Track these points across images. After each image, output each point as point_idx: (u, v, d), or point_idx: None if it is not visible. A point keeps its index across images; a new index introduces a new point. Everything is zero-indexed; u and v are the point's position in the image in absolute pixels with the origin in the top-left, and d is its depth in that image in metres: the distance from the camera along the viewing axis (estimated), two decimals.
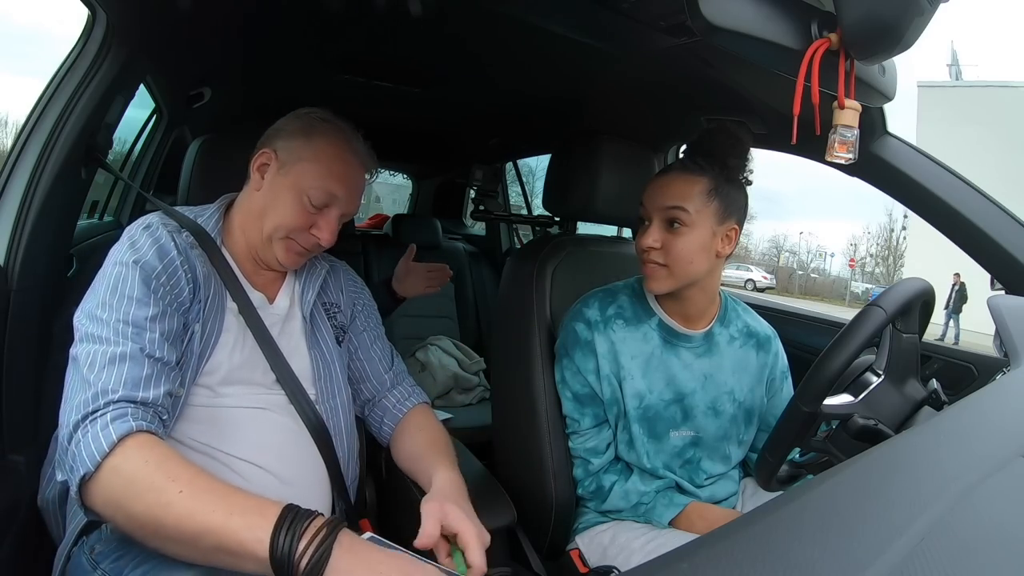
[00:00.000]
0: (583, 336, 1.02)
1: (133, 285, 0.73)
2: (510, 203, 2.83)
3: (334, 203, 0.85)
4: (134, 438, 0.63)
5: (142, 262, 0.75)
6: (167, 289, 0.75)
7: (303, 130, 0.85)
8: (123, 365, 0.68)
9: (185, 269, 0.78)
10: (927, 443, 0.58)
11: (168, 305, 0.75)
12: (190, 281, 0.78)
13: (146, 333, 0.71)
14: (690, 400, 1.02)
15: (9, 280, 0.88)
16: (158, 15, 1.01)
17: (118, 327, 0.70)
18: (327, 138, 0.85)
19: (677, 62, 0.95)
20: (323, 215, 0.85)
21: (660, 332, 1.03)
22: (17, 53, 36.25)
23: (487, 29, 1.05)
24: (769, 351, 1.09)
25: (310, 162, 0.84)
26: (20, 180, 0.93)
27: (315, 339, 0.91)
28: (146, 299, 0.73)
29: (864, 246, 30.84)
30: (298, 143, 0.85)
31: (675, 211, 0.94)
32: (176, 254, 0.78)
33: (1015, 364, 0.80)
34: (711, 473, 1.05)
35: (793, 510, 0.42)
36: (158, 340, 0.72)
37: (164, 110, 1.69)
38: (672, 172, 0.97)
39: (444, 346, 2.31)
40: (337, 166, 0.84)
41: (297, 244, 0.86)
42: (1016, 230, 1.02)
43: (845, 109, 0.77)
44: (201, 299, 0.79)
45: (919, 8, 0.69)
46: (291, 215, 0.84)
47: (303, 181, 0.84)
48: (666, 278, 0.96)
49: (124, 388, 0.67)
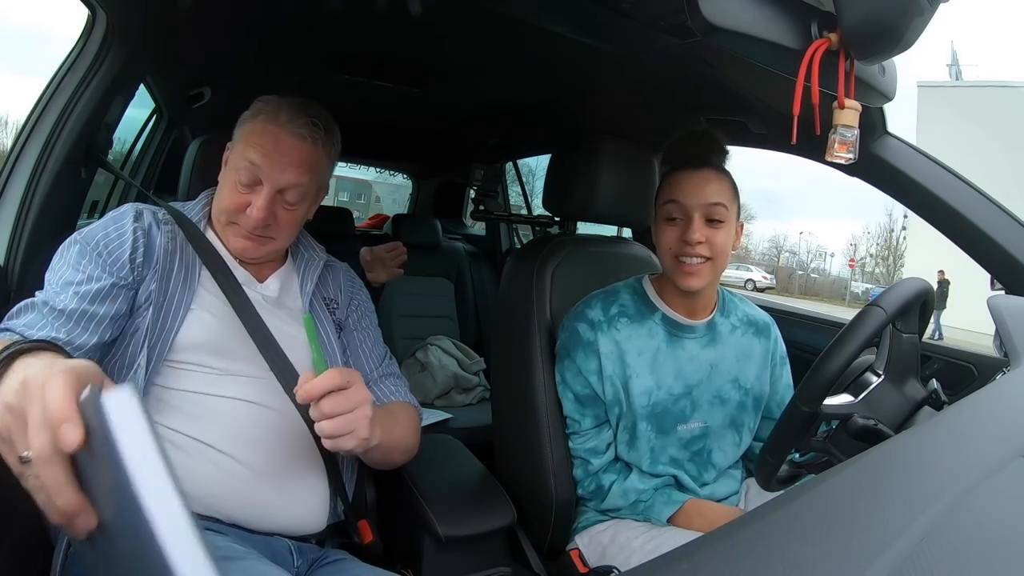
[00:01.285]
0: (585, 336, 1.02)
1: (71, 253, 0.80)
2: (510, 203, 2.83)
3: (260, 175, 0.84)
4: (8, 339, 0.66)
5: (85, 233, 0.81)
6: (99, 253, 0.80)
7: (242, 120, 0.88)
8: (29, 312, 0.75)
9: (136, 238, 0.82)
10: (927, 443, 0.58)
11: (99, 268, 0.79)
12: (139, 246, 0.81)
13: (67, 289, 0.76)
14: (697, 391, 1.04)
15: (9, 280, 0.88)
16: (158, 15, 1.01)
17: (47, 288, 0.78)
18: (254, 119, 0.86)
19: (677, 62, 0.95)
20: (255, 192, 0.84)
21: (664, 326, 1.04)
22: (17, 53, 36.24)
23: (487, 29, 1.05)
24: (769, 337, 1.11)
25: (238, 144, 0.86)
26: (20, 180, 0.93)
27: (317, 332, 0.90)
28: (76, 265, 0.79)
29: (864, 246, 30.85)
30: (236, 132, 0.87)
31: (718, 207, 0.97)
32: (132, 227, 0.82)
33: (1015, 364, 0.80)
34: (720, 466, 1.06)
35: (793, 510, 0.42)
36: (71, 296, 0.76)
37: (164, 110, 1.70)
38: (705, 170, 0.99)
39: (444, 346, 2.31)
40: (256, 138, 0.84)
41: (240, 228, 0.86)
42: (1016, 230, 1.02)
43: (845, 109, 0.77)
44: (157, 269, 0.81)
45: (919, 8, 0.69)
46: (227, 196, 0.86)
47: (234, 161, 0.86)
48: (708, 272, 0.98)
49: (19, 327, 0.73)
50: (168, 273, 0.82)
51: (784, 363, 1.13)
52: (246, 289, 0.86)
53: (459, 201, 3.19)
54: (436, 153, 2.59)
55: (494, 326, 1.25)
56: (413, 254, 2.56)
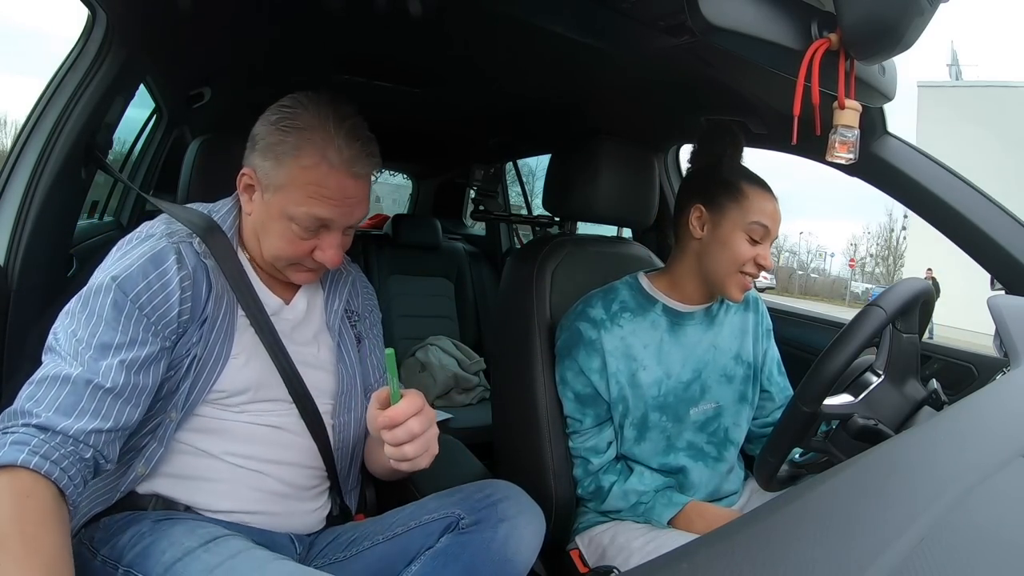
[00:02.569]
0: (587, 335, 1.02)
1: (103, 305, 0.68)
2: (510, 203, 2.83)
3: (331, 225, 0.77)
4: (12, 473, 0.56)
5: (120, 279, 0.69)
6: (145, 312, 0.69)
7: (273, 148, 0.74)
8: (61, 388, 0.63)
9: (184, 287, 0.72)
10: (927, 443, 0.58)
11: (144, 331, 0.69)
12: (186, 301, 0.72)
13: (101, 362, 0.65)
14: (706, 373, 1.06)
15: (9, 280, 0.88)
16: (158, 15, 1.01)
17: (76, 347, 0.66)
18: (299, 157, 0.73)
19: (677, 62, 0.95)
20: (322, 237, 0.78)
21: (666, 316, 1.06)
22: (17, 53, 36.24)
23: (487, 29, 1.05)
24: (758, 311, 1.15)
25: (289, 188, 0.74)
26: (20, 180, 0.93)
27: (341, 353, 0.88)
28: (113, 323, 0.67)
29: (864, 246, 30.90)
30: (270, 166, 0.75)
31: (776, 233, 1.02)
32: (179, 277, 0.72)
33: (1015, 364, 0.80)
34: (738, 441, 1.09)
35: (793, 510, 0.42)
36: (115, 368, 0.66)
37: (164, 110, 1.69)
38: (775, 197, 1.02)
39: (444, 346, 2.31)
40: (318, 190, 0.74)
41: (303, 267, 0.81)
42: (1016, 230, 1.02)
43: (845, 109, 0.77)
44: (207, 319, 0.74)
45: (919, 8, 0.69)
46: (285, 246, 0.77)
47: (287, 209, 0.75)
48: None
49: (48, 411, 0.61)
50: (212, 323, 0.75)
51: (769, 336, 1.16)
52: (274, 319, 0.81)
53: (459, 201, 3.19)
54: (436, 153, 2.59)
55: (494, 326, 1.25)
56: (413, 254, 2.58)
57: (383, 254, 2.51)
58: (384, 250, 2.52)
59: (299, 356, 0.82)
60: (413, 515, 0.81)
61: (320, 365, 0.86)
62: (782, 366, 1.16)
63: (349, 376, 0.89)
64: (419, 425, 0.67)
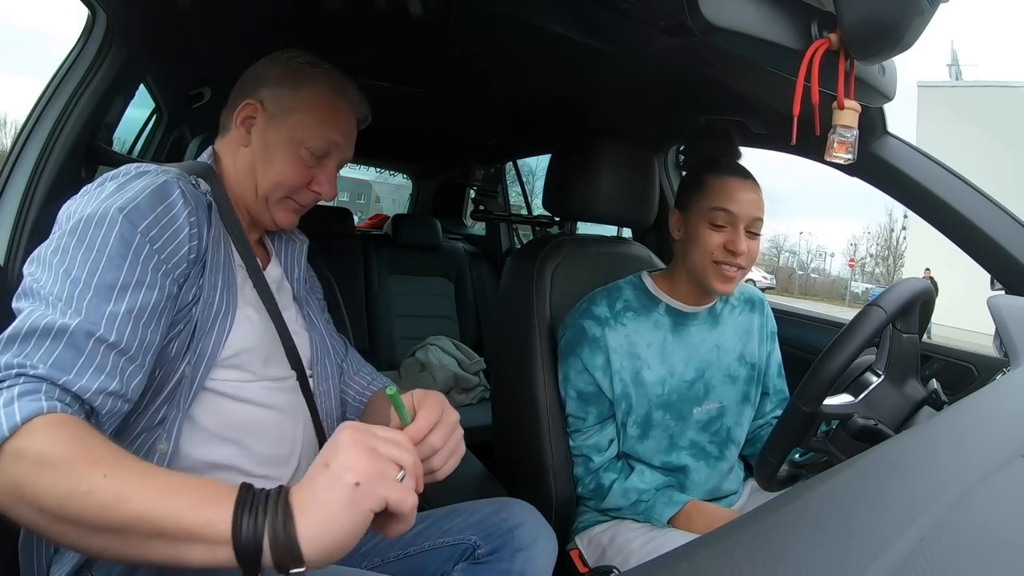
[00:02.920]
0: (592, 333, 1.02)
1: (107, 238, 0.58)
2: (510, 203, 2.83)
3: (333, 151, 0.79)
4: (43, 419, 0.49)
5: (127, 209, 0.59)
6: (155, 248, 0.61)
7: (290, 78, 0.77)
8: (56, 343, 0.53)
9: (191, 223, 0.64)
10: (927, 443, 0.58)
11: (153, 271, 0.60)
12: (194, 238, 0.65)
13: (105, 306, 0.56)
14: (709, 373, 1.06)
15: (9, 280, 0.88)
16: (158, 15, 1.01)
17: (71, 289, 0.55)
18: (318, 85, 0.78)
19: (677, 62, 0.95)
20: (321, 167, 0.79)
21: (669, 316, 1.06)
22: (16, 53, 36.26)
23: (487, 29, 1.05)
24: (763, 312, 1.15)
25: (304, 112, 0.76)
26: (20, 180, 0.93)
27: (311, 319, 0.86)
28: (119, 260, 0.58)
29: (864, 246, 30.89)
30: (287, 92, 0.77)
31: (758, 222, 1.00)
32: (182, 205, 0.64)
33: (1015, 364, 0.80)
34: (739, 441, 1.10)
35: (793, 510, 0.42)
36: (120, 318, 0.56)
37: (164, 110, 1.69)
38: (750, 181, 1.01)
39: (444, 346, 2.31)
40: (332, 114, 0.78)
41: (295, 202, 0.79)
42: (1016, 230, 1.02)
43: (845, 110, 0.77)
44: (209, 265, 0.68)
45: (919, 8, 0.69)
46: (290, 172, 0.77)
47: (299, 132, 0.76)
48: (739, 279, 1.02)
49: (48, 368, 0.52)
50: (215, 268, 0.69)
51: (773, 339, 1.16)
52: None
53: (459, 201, 3.19)
54: (436, 153, 2.59)
55: (494, 326, 1.25)
56: (413, 254, 2.58)
57: (383, 254, 2.51)
58: (384, 250, 2.52)
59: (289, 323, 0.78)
60: (426, 534, 0.79)
61: (296, 331, 0.81)
62: (782, 369, 1.17)
63: (322, 342, 0.86)
64: (439, 438, 0.61)
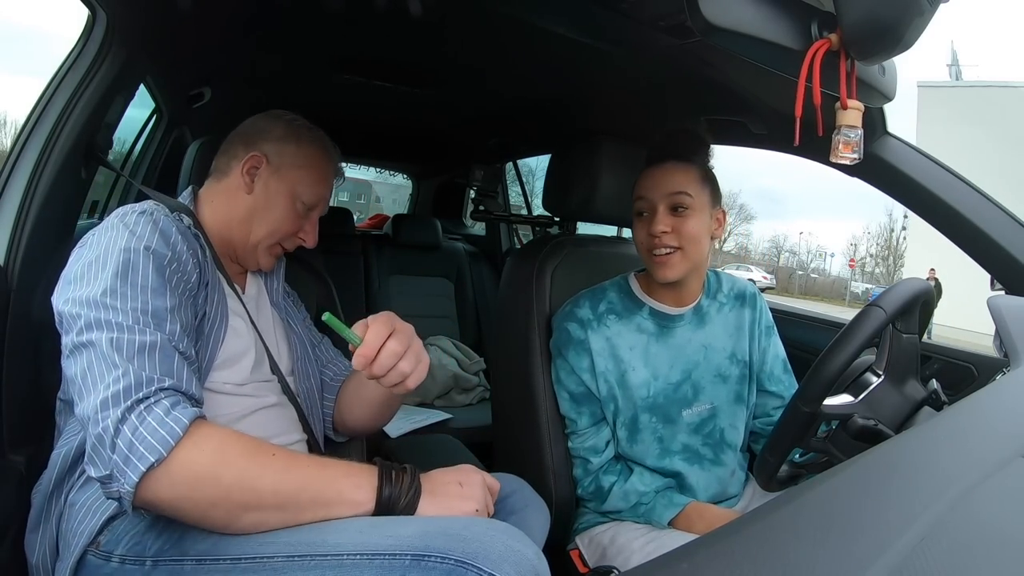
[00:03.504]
0: (576, 335, 1.02)
1: (147, 274, 0.67)
2: (510, 203, 2.83)
3: (320, 205, 0.90)
4: (204, 423, 0.61)
5: (152, 248, 0.69)
6: (180, 277, 0.71)
7: (292, 136, 0.87)
8: (154, 355, 0.62)
9: (191, 253, 0.75)
10: (927, 443, 0.58)
11: (181, 295, 0.71)
12: (196, 266, 0.75)
13: (167, 324, 0.65)
14: (697, 374, 1.05)
15: (9, 280, 0.88)
16: (158, 15, 1.01)
17: (137, 315, 0.63)
18: (314, 146, 0.88)
19: (677, 62, 0.95)
20: (309, 219, 0.90)
21: (653, 319, 1.05)
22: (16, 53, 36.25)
23: (487, 29, 1.05)
24: (756, 307, 1.12)
25: (305, 169, 0.87)
26: (20, 180, 0.93)
27: (289, 324, 0.95)
28: (162, 289, 0.67)
29: (864, 246, 30.93)
30: (290, 149, 0.86)
31: (680, 196, 0.98)
32: (180, 239, 0.74)
33: (1015, 364, 0.80)
34: (734, 444, 1.07)
35: (793, 510, 0.42)
36: (179, 333, 0.66)
37: (164, 110, 1.69)
38: (667, 162, 1.00)
39: (444, 346, 2.31)
40: (325, 173, 0.89)
41: (281, 248, 0.89)
42: (1016, 230, 1.02)
43: (848, 110, 0.77)
44: (206, 284, 0.77)
45: (919, 8, 0.69)
46: (286, 220, 0.86)
47: (298, 187, 0.86)
48: (680, 262, 0.99)
49: (170, 378, 0.62)
50: (212, 287, 0.78)
51: (771, 332, 1.13)
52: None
53: (459, 201, 3.19)
54: (436, 153, 2.59)
55: (494, 326, 1.25)
56: (413, 254, 2.58)
57: (383, 254, 2.51)
58: (384, 250, 2.52)
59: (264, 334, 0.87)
60: None
61: (277, 340, 0.91)
62: (788, 364, 1.14)
63: (300, 344, 0.95)
64: (399, 344, 0.68)
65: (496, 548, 0.55)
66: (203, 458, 0.59)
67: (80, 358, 0.62)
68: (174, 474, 0.58)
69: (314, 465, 0.64)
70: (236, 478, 0.59)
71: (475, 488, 0.68)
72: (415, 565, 0.55)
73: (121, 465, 0.57)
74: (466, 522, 0.60)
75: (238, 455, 0.60)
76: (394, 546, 0.56)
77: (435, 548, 0.55)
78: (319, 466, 0.64)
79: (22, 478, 0.86)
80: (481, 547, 0.55)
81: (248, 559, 0.60)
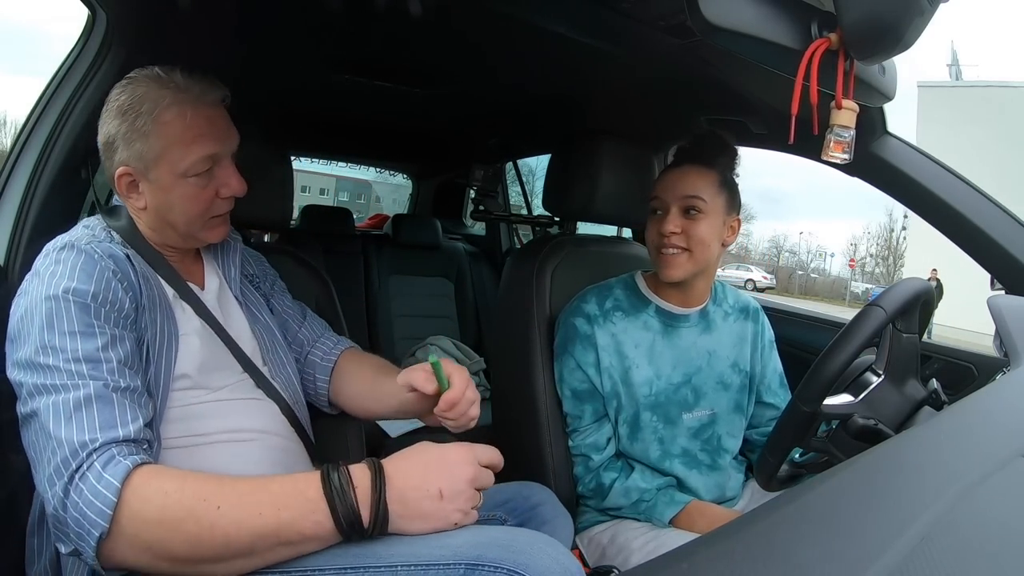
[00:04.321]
0: (582, 330, 1.03)
1: (71, 318, 0.65)
2: (510, 203, 2.83)
3: (219, 157, 0.79)
4: (137, 474, 0.59)
5: (71, 289, 0.67)
6: (108, 310, 0.68)
7: (135, 130, 0.75)
8: (91, 408, 0.62)
9: (119, 278, 0.71)
10: (927, 443, 0.58)
11: (115, 327, 0.68)
12: (128, 290, 0.71)
13: (102, 365, 0.65)
14: (698, 379, 1.05)
15: (9, 280, 0.88)
16: (158, 15, 1.01)
17: (70, 368, 0.63)
18: (158, 119, 0.74)
19: (677, 62, 0.95)
20: (217, 175, 0.79)
21: (659, 318, 1.06)
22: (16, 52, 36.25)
23: (487, 29, 1.05)
24: (758, 321, 1.14)
25: (167, 151, 0.75)
26: (20, 180, 0.93)
27: (252, 314, 0.90)
28: (90, 330, 0.66)
29: (864, 246, 30.91)
30: (140, 146, 0.75)
31: (693, 199, 0.99)
32: (105, 263, 0.70)
33: (1015, 364, 0.80)
34: (731, 451, 1.08)
35: (793, 510, 0.42)
36: (117, 369, 0.65)
37: None
38: (686, 165, 1.01)
39: (444, 346, 2.31)
40: (187, 131, 0.75)
41: (217, 218, 0.81)
42: (1016, 230, 1.02)
43: (842, 109, 0.77)
44: (145, 304, 0.73)
45: (919, 8, 0.69)
46: (193, 204, 0.78)
47: (176, 168, 0.75)
48: (685, 263, 1.00)
49: (101, 432, 0.61)
50: (152, 306, 0.74)
51: (772, 348, 1.15)
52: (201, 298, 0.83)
53: (459, 201, 3.19)
54: (436, 153, 2.59)
55: (494, 326, 1.25)
56: (413, 254, 2.58)
57: (383, 254, 2.51)
58: (384, 250, 2.52)
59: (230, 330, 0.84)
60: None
61: (243, 333, 0.87)
62: (784, 379, 1.15)
63: (270, 334, 0.90)
64: (475, 393, 0.78)
65: (543, 560, 0.57)
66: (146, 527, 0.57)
67: (28, 431, 0.64)
68: (127, 539, 0.57)
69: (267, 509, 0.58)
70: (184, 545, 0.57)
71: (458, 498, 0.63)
72: (469, 573, 0.56)
73: (78, 541, 0.57)
74: (514, 532, 0.62)
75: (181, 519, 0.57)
76: (447, 556, 0.58)
77: (488, 558, 0.56)
78: (273, 509, 0.58)
79: (22, 477, 0.85)
80: (530, 559, 0.56)
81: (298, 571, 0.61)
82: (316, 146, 2.78)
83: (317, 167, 3.52)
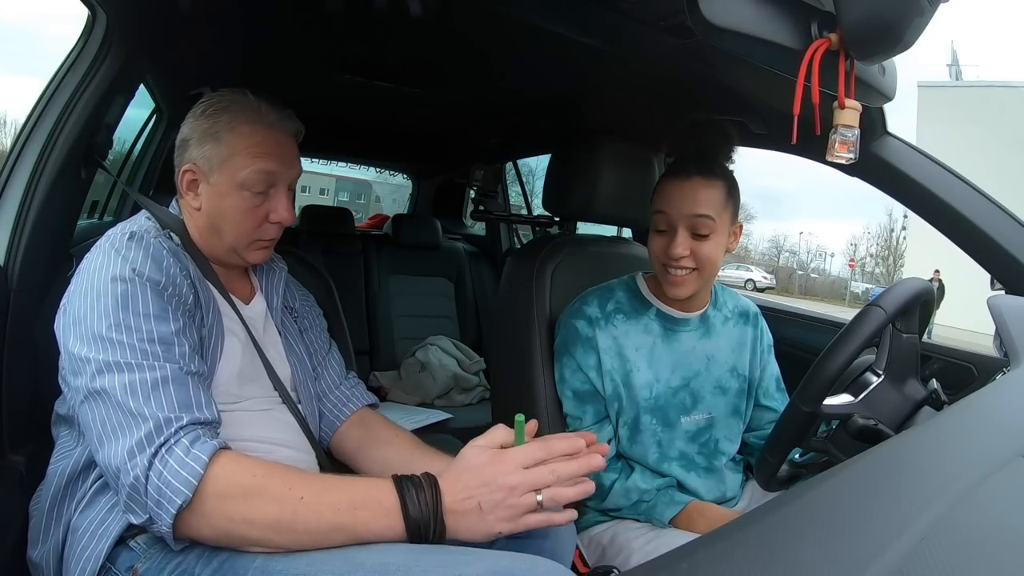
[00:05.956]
0: (584, 332, 1.02)
1: (147, 300, 0.67)
2: (510, 203, 2.83)
3: (276, 181, 0.81)
4: (224, 455, 0.62)
5: (145, 275, 0.69)
6: (178, 300, 0.71)
7: (210, 130, 0.79)
8: (168, 388, 0.64)
9: (185, 275, 0.74)
10: (927, 443, 0.58)
11: (183, 316, 0.71)
12: (191, 287, 0.74)
13: (175, 348, 0.67)
14: (696, 383, 1.05)
15: (9, 280, 0.88)
16: (158, 15, 1.01)
17: (144, 348, 0.65)
18: (235, 125, 0.78)
19: (677, 62, 0.95)
20: (272, 198, 0.81)
21: (659, 321, 1.05)
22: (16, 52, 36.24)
23: (487, 29, 1.05)
24: (757, 326, 1.13)
25: (233, 158, 0.78)
26: (20, 180, 0.93)
27: (290, 345, 0.91)
28: (164, 314, 0.68)
29: (864, 246, 30.92)
30: (210, 148, 0.78)
31: (703, 220, 0.95)
32: (171, 261, 0.73)
33: (1015, 364, 0.80)
34: (729, 454, 1.07)
35: (793, 510, 0.42)
36: (188, 354, 0.68)
37: (164, 110, 1.70)
38: (694, 179, 0.96)
39: (444, 346, 2.31)
40: (259, 147, 0.78)
41: (262, 241, 0.83)
42: (1016, 230, 1.02)
43: (846, 109, 0.77)
44: (201, 303, 0.76)
45: (919, 8, 0.69)
46: (244, 220, 0.80)
47: (236, 179, 0.78)
48: (694, 281, 0.98)
49: (184, 412, 0.63)
50: (206, 305, 0.77)
51: (770, 352, 1.14)
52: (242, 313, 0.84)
53: (459, 201, 3.19)
54: (436, 153, 2.59)
55: (494, 326, 1.25)
56: (413, 254, 2.58)
57: (383, 254, 2.51)
58: (384, 250, 2.52)
59: (267, 351, 0.85)
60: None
61: (280, 358, 0.88)
62: (782, 383, 1.14)
63: (302, 366, 0.91)
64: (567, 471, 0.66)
65: None
66: (230, 502, 0.61)
67: (96, 407, 0.64)
68: (207, 513, 0.60)
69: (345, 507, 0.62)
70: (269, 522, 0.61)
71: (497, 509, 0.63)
72: None
73: (156, 509, 0.60)
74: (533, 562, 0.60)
75: (269, 500, 0.61)
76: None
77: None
78: (349, 508, 0.62)
79: (22, 478, 0.86)
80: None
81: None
82: (316, 146, 2.78)
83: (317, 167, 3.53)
